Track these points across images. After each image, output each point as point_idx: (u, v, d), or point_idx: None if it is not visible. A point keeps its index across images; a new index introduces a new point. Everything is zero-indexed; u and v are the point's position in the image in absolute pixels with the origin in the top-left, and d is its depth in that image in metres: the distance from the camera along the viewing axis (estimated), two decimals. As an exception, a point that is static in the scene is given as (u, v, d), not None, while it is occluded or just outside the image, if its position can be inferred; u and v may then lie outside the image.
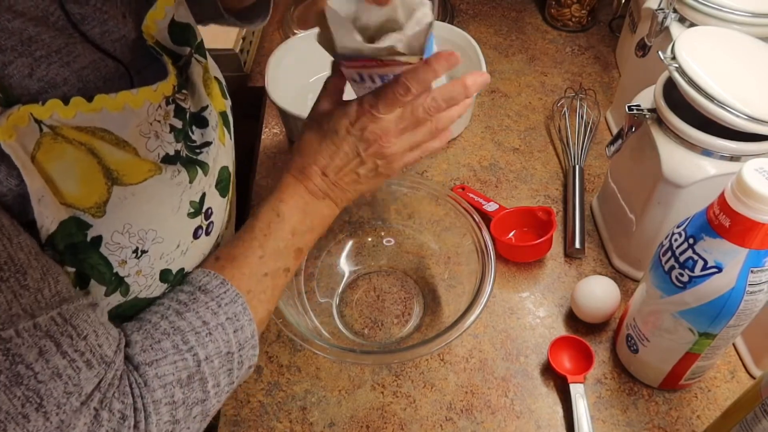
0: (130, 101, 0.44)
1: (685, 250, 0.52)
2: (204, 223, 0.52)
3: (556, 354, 0.67)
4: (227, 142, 0.58)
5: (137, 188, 0.44)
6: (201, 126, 0.54)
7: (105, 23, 0.47)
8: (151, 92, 0.46)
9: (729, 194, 0.47)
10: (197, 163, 0.51)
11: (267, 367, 0.68)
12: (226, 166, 0.57)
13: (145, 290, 0.47)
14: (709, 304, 0.52)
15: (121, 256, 0.44)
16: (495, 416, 0.64)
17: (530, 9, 1.15)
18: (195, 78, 0.54)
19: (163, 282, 0.49)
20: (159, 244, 0.47)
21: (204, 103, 0.54)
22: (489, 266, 0.66)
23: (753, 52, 0.62)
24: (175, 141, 0.49)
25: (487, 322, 0.71)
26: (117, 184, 0.43)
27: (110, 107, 0.42)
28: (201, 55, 0.56)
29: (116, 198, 0.43)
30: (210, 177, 0.52)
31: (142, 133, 0.45)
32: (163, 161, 0.47)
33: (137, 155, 0.45)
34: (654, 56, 0.67)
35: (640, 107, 0.64)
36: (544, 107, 0.97)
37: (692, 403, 0.64)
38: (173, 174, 0.47)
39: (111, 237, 0.43)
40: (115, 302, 0.45)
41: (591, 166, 0.88)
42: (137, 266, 0.46)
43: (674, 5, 0.72)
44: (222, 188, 0.56)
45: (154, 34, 0.49)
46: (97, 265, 0.43)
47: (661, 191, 0.63)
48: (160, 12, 0.49)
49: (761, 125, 0.56)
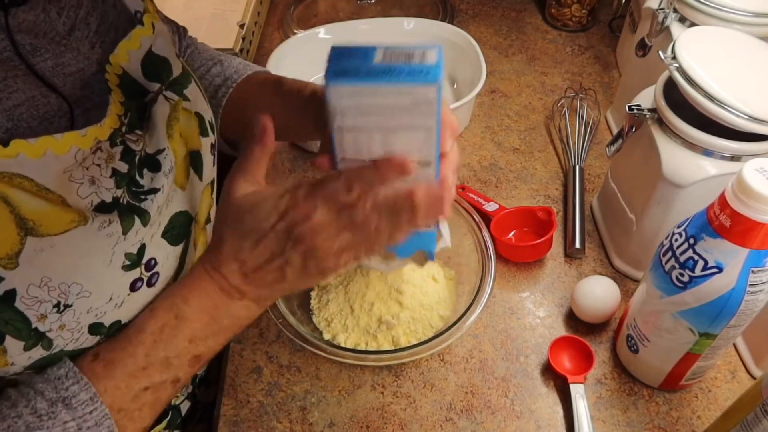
0: (53, 146, 0.40)
1: (686, 250, 0.52)
2: (145, 274, 0.47)
3: (556, 354, 0.67)
4: (192, 185, 0.53)
5: (57, 239, 0.40)
6: (153, 170, 0.49)
7: (61, 56, 0.44)
8: (77, 137, 0.42)
9: (729, 194, 0.47)
10: (137, 212, 0.46)
11: (267, 367, 0.68)
12: (185, 211, 0.52)
13: (72, 343, 0.44)
14: (709, 305, 0.52)
15: (39, 311, 0.41)
16: (495, 416, 0.64)
17: (530, 9, 1.15)
18: (157, 118, 0.50)
19: (93, 335, 0.45)
20: (86, 299, 0.43)
21: (161, 146, 0.50)
22: (489, 266, 0.66)
23: (753, 52, 0.62)
24: (116, 187, 0.45)
25: (487, 322, 0.71)
26: (32, 235, 0.39)
27: (29, 153, 0.38)
28: (176, 92, 0.52)
29: (30, 249, 0.39)
30: (153, 227, 0.48)
31: (72, 179, 0.42)
32: (96, 209, 0.44)
33: (63, 203, 0.41)
34: (654, 56, 0.67)
35: (641, 107, 0.64)
36: (544, 107, 0.97)
37: (693, 403, 0.64)
38: (102, 224, 0.43)
39: (27, 290, 0.40)
40: (38, 356, 0.42)
41: (591, 166, 0.88)
42: (60, 321, 0.42)
43: (674, 5, 0.72)
44: (174, 236, 0.51)
45: (124, 65, 0.47)
46: (11, 321, 0.39)
47: (662, 191, 0.63)
48: (134, 42, 0.47)
49: (761, 125, 0.56)
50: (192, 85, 0.55)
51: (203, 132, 0.55)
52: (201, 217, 0.56)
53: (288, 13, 1.13)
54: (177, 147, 0.51)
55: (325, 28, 0.98)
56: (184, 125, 0.53)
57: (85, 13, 0.47)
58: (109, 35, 0.48)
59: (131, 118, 0.47)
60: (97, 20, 0.48)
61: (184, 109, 0.53)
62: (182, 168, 0.52)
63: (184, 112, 0.53)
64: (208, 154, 0.56)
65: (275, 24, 1.14)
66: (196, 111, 0.55)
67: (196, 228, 0.55)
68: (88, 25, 0.47)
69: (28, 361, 0.42)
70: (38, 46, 0.43)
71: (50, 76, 0.44)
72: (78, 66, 0.45)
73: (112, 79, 0.46)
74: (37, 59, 0.43)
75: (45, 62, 0.43)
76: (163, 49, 0.50)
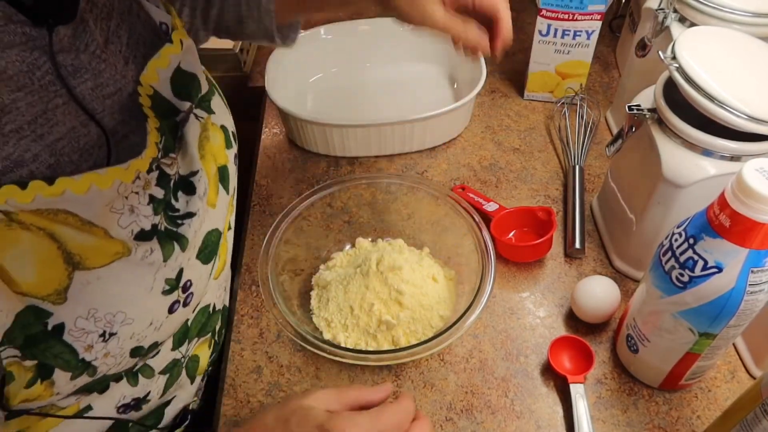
0: (97, 182, 0.40)
1: (686, 250, 0.52)
2: (182, 296, 0.49)
3: (556, 354, 0.67)
4: (220, 201, 0.54)
5: (102, 271, 0.41)
6: (187, 192, 0.50)
7: (100, 75, 0.43)
8: (121, 171, 0.42)
9: (729, 194, 0.47)
10: (175, 238, 0.47)
11: (267, 367, 0.68)
12: (215, 228, 0.53)
13: (114, 368, 0.45)
14: (709, 304, 0.52)
15: (87, 342, 0.41)
16: (495, 416, 0.64)
17: (530, 9, 1.15)
18: (190, 138, 0.50)
19: (133, 357, 0.46)
20: (129, 326, 0.44)
21: (195, 168, 0.50)
22: (489, 266, 0.66)
23: (753, 52, 0.62)
24: (153, 214, 0.46)
25: (487, 322, 0.71)
26: (79, 269, 0.40)
27: (74, 189, 0.38)
28: (204, 109, 0.52)
29: (78, 284, 0.40)
30: (190, 250, 0.49)
31: (113, 210, 0.42)
32: (136, 238, 0.44)
33: (106, 235, 0.41)
34: (654, 56, 0.67)
35: (640, 107, 0.64)
36: (544, 107, 0.97)
37: (692, 403, 0.64)
38: (145, 254, 0.44)
39: (74, 323, 0.40)
40: (81, 383, 0.43)
41: (591, 166, 0.88)
42: (105, 349, 0.43)
43: (674, 5, 0.72)
44: (206, 255, 0.52)
45: (154, 85, 0.46)
46: (60, 354, 0.40)
47: (661, 191, 0.63)
48: (164, 60, 0.46)
49: (761, 125, 0.56)
50: (216, 97, 0.55)
51: (228, 144, 0.56)
52: (225, 227, 0.56)
53: (288, 13, 1.13)
54: (209, 167, 0.52)
55: (325, 28, 0.98)
56: (213, 142, 0.53)
57: (115, 25, 0.46)
58: (140, 50, 0.47)
59: (166, 142, 0.47)
60: (126, 32, 0.47)
61: (212, 124, 0.53)
62: (213, 186, 0.53)
63: (212, 127, 0.53)
64: (232, 166, 0.56)
65: (275, 24, 1.14)
66: (221, 124, 0.55)
67: (221, 240, 0.55)
68: (120, 37, 0.46)
69: (72, 389, 0.43)
70: (79, 67, 0.42)
71: (89, 101, 0.43)
72: (116, 86, 0.44)
73: (145, 101, 0.46)
74: (78, 81, 0.42)
75: (85, 84, 0.42)
76: (191, 65, 0.50)
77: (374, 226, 0.78)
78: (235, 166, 0.58)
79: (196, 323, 0.58)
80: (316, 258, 0.76)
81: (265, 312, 0.73)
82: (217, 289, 0.60)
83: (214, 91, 0.55)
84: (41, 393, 0.41)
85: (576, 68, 0.93)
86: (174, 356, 0.57)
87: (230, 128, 0.57)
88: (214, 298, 0.61)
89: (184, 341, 0.58)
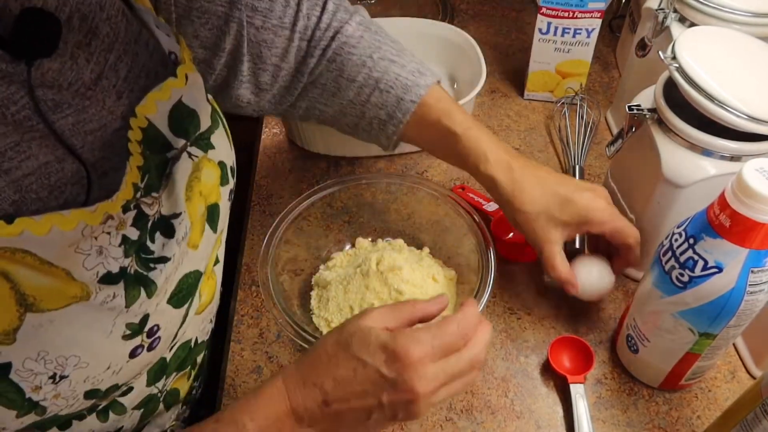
0: (59, 223, 0.38)
1: (686, 250, 0.52)
2: (146, 341, 0.46)
3: (556, 354, 0.67)
4: (205, 241, 0.51)
5: (56, 314, 0.39)
6: (166, 235, 0.46)
7: (83, 111, 0.42)
8: (86, 214, 0.39)
9: (729, 194, 0.47)
10: (143, 283, 0.44)
11: (267, 367, 0.68)
12: (195, 270, 0.50)
13: (66, 408, 0.43)
14: (709, 304, 0.52)
15: (34, 383, 0.39)
16: (495, 416, 0.64)
17: (530, 9, 1.15)
18: (178, 177, 0.47)
19: (88, 399, 0.44)
20: (83, 369, 0.41)
21: (178, 209, 0.47)
22: (489, 266, 0.66)
23: (753, 52, 0.62)
24: (124, 256, 0.43)
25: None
26: (31, 311, 0.38)
27: (34, 230, 0.36)
28: (200, 147, 0.49)
29: (29, 326, 0.38)
30: (159, 296, 0.46)
31: (79, 250, 0.40)
32: (101, 281, 0.41)
33: (68, 276, 0.39)
34: (654, 56, 0.67)
35: (640, 107, 0.64)
36: (544, 107, 0.97)
37: (692, 403, 0.64)
38: (106, 298, 0.41)
39: (22, 364, 0.38)
40: (30, 421, 0.41)
41: (591, 166, 0.88)
42: (54, 390, 0.41)
43: (674, 5, 0.72)
44: (180, 299, 0.49)
45: (151, 117, 0.44)
46: (5, 392, 0.38)
47: (661, 191, 0.63)
48: (165, 93, 0.44)
49: (761, 125, 0.56)
50: (219, 130, 0.52)
51: (223, 181, 0.53)
52: (210, 264, 0.54)
53: (288, 13, 1.13)
54: (194, 210, 0.49)
55: (325, 28, 0.98)
56: (205, 181, 0.50)
57: (115, 59, 0.44)
58: (139, 82, 0.45)
59: (149, 180, 0.45)
60: (126, 66, 0.45)
61: (208, 161, 0.50)
62: (198, 227, 0.49)
63: (207, 164, 0.50)
64: (225, 202, 0.54)
65: (275, 24, 1.13)
66: (220, 160, 0.52)
67: (203, 278, 0.52)
68: (117, 72, 0.44)
69: (20, 426, 0.41)
70: (60, 102, 0.40)
71: (69, 136, 0.41)
72: (100, 122, 0.43)
73: (135, 134, 0.44)
74: (58, 116, 0.40)
75: (65, 119, 0.40)
76: (194, 101, 0.47)
77: (374, 226, 0.78)
78: (229, 201, 0.55)
79: (175, 358, 0.55)
80: (316, 258, 0.76)
81: (265, 312, 0.73)
82: (200, 323, 0.57)
83: (218, 124, 0.52)
84: None
85: (576, 67, 0.93)
86: (150, 392, 0.55)
87: (229, 163, 0.54)
88: (196, 332, 0.58)
89: (161, 377, 0.55)
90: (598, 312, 0.72)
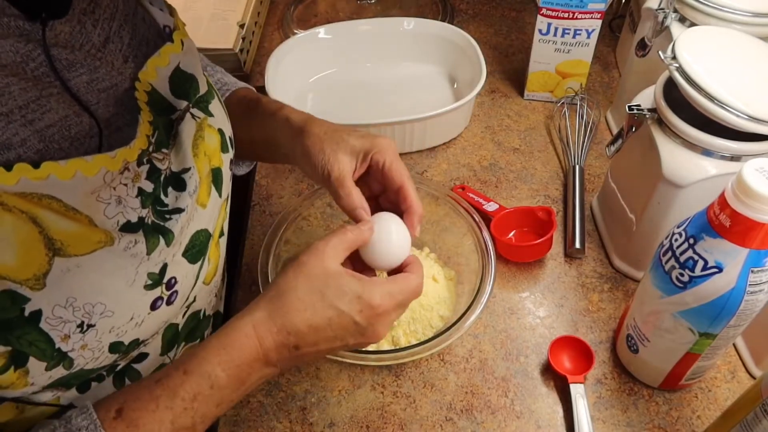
0: (83, 168, 0.40)
1: (686, 250, 0.52)
2: (165, 293, 0.48)
3: (556, 354, 0.67)
4: (212, 203, 0.54)
5: (83, 260, 0.40)
6: (177, 189, 0.49)
7: (96, 70, 0.44)
8: (107, 159, 0.42)
9: (729, 194, 0.47)
10: (161, 231, 0.47)
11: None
12: (204, 229, 0.53)
13: (91, 362, 0.44)
14: (709, 304, 0.52)
15: (63, 331, 0.41)
16: (495, 416, 0.64)
17: (530, 9, 1.15)
18: (184, 136, 0.50)
19: (112, 353, 0.45)
20: (108, 318, 0.43)
21: (187, 165, 0.50)
22: (489, 266, 0.66)
23: (753, 52, 0.62)
24: (141, 207, 0.45)
25: (487, 322, 0.71)
26: (59, 255, 0.39)
27: (59, 175, 0.38)
28: (201, 110, 0.53)
29: (58, 270, 0.39)
30: (175, 246, 0.48)
31: (100, 199, 0.42)
32: (122, 229, 0.43)
33: (91, 224, 0.41)
34: (654, 56, 0.67)
35: (640, 107, 0.64)
36: (544, 107, 0.97)
37: (692, 403, 0.64)
38: (128, 245, 0.43)
39: (52, 311, 0.40)
40: (57, 376, 0.42)
41: (591, 166, 0.88)
42: (82, 340, 0.42)
43: (674, 5, 0.72)
44: (193, 254, 0.51)
45: (153, 82, 0.46)
46: (36, 342, 0.40)
47: (661, 191, 0.63)
48: (163, 59, 0.47)
49: (761, 125, 0.56)
50: (215, 101, 0.55)
51: (224, 148, 0.55)
52: (216, 231, 0.56)
53: (288, 13, 1.13)
54: (201, 166, 0.52)
55: (325, 28, 0.98)
56: (208, 143, 0.53)
57: (118, 26, 0.46)
58: (141, 49, 0.48)
59: (158, 137, 0.47)
60: (129, 33, 0.47)
61: (209, 125, 0.53)
62: (205, 186, 0.52)
63: (208, 129, 0.53)
64: (227, 170, 0.56)
65: (275, 24, 1.14)
66: (219, 127, 0.55)
67: (211, 243, 0.55)
68: (121, 38, 0.46)
69: (48, 381, 0.42)
70: (74, 61, 0.42)
71: (84, 93, 0.43)
72: (111, 81, 0.45)
73: (141, 96, 0.46)
74: (72, 74, 0.42)
75: (80, 77, 0.43)
76: (190, 66, 0.50)
77: (374, 226, 0.78)
78: (231, 171, 0.57)
79: (186, 327, 0.58)
80: (316, 258, 0.75)
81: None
82: (208, 294, 0.60)
83: (213, 94, 0.55)
84: (14, 381, 0.40)
85: (576, 67, 0.93)
86: (163, 361, 0.56)
87: (228, 133, 0.57)
88: (204, 304, 0.60)
89: (173, 346, 0.57)
90: (598, 312, 0.72)
